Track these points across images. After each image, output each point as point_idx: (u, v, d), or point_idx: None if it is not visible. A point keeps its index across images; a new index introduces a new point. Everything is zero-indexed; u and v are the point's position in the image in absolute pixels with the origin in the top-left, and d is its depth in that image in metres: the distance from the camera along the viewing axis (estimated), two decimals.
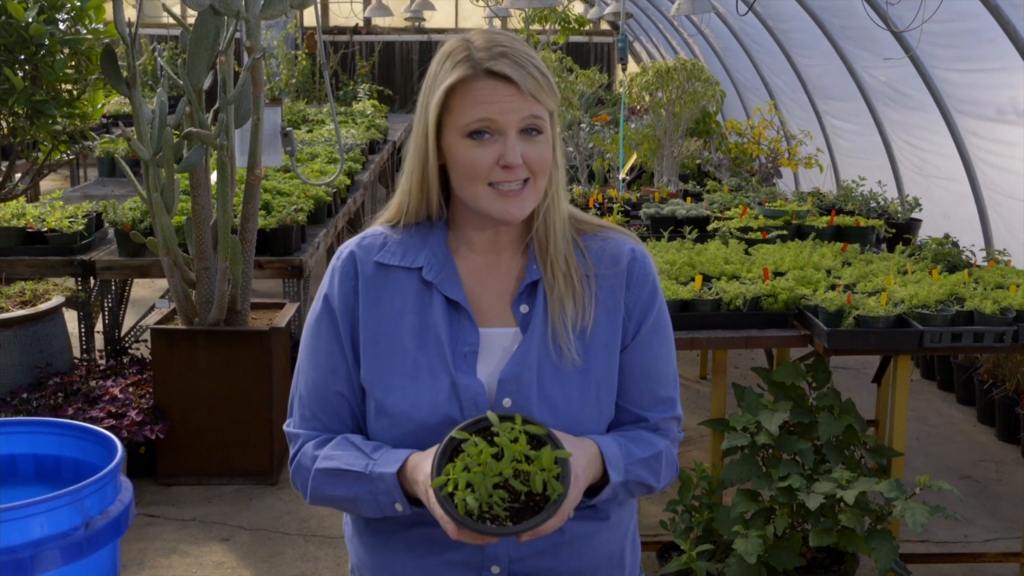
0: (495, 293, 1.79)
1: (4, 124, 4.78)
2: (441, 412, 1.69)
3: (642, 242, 1.87)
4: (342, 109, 12.56)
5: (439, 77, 1.70)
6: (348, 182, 7.65)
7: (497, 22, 15.79)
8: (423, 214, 1.80)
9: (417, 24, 18.00)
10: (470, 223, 1.79)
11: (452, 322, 1.74)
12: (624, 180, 6.99)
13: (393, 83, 18.74)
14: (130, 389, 4.89)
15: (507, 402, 1.70)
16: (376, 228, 1.84)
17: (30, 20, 4.42)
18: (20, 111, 4.61)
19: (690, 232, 5.02)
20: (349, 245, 1.82)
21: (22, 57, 4.53)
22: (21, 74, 4.54)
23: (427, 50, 19.21)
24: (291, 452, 1.82)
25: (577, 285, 1.76)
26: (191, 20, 4.57)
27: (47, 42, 4.49)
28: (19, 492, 2.61)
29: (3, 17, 4.43)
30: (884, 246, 5.29)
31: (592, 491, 1.73)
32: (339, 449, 1.74)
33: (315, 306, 1.82)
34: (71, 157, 5.19)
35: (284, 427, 1.84)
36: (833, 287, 4.07)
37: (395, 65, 19.26)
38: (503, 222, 1.73)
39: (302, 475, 1.78)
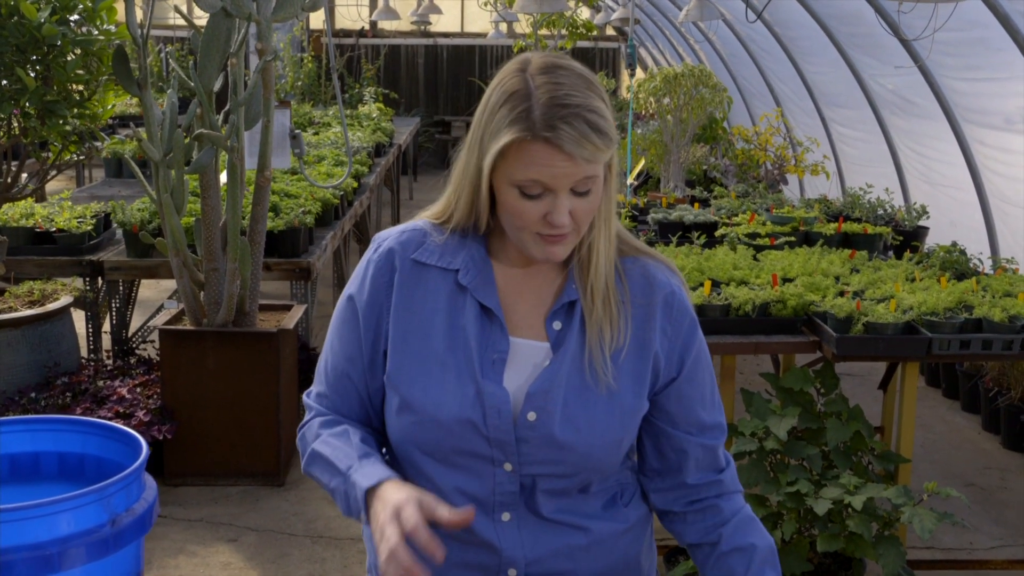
0: (529, 304, 1.76)
1: (15, 124, 4.80)
2: (464, 416, 1.68)
3: (679, 272, 1.84)
4: (348, 112, 12.58)
5: (495, 122, 1.62)
6: (355, 185, 7.66)
7: (503, 26, 15.80)
8: (468, 226, 1.77)
9: (423, 28, 18.02)
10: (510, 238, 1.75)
11: (483, 328, 1.72)
12: (631, 185, 7.01)
13: (399, 86, 18.76)
14: (138, 389, 4.90)
15: (532, 416, 1.69)
16: (417, 223, 1.81)
17: (42, 21, 4.43)
18: (32, 111, 4.62)
19: (698, 237, 5.03)
20: (388, 239, 1.79)
21: (34, 57, 4.55)
22: (33, 74, 4.55)
23: (433, 54, 19.23)
24: (304, 420, 1.85)
25: (615, 310, 1.74)
26: (200, 22, 4.59)
27: (59, 43, 4.51)
28: (43, 489, 2.62)
29: (15, 18, 4.45)
30: (891, 253, 5.30)
31: None
32: (337, 439, 1.75)
33: (346, 292, 1.81)
34: (80, 157, 5.20)
35: (303, 395, 1.87)
36: (842, 294, 4.08)
37: (401, 68, 19.27)
38: (546, 262, 1.73)
39: (303, 446, 1.81)
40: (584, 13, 12.75)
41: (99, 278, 5.65)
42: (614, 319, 1.73)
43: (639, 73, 13.80)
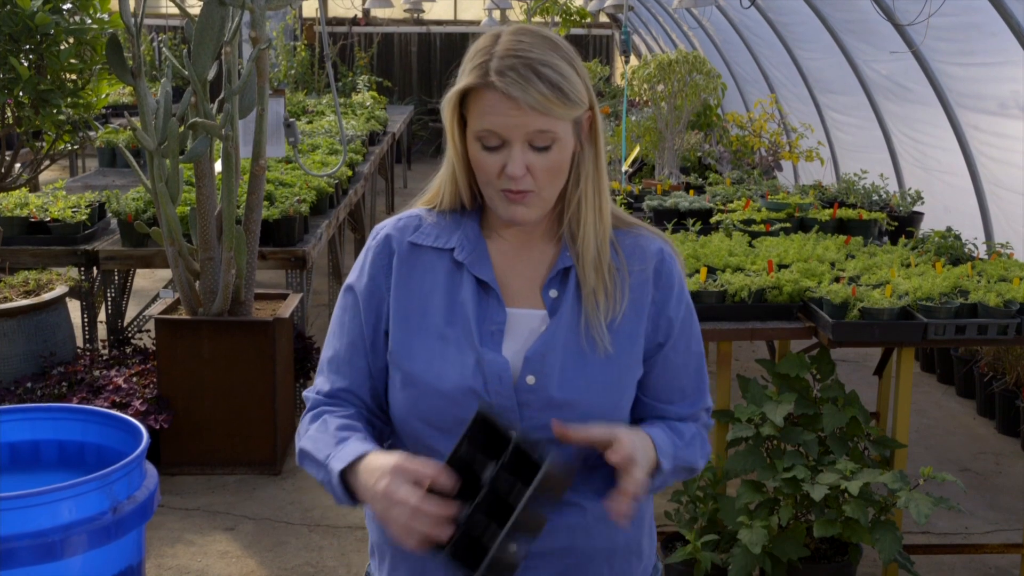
0: (524, 277, 1.82)
1: (9, 113, 4.78)
2: (466, 385, 1.72)
3: (671, 242, 1.90)
4: (342, 100, 12.55)
5: (460, 74, 1.74)
6: (350, 173, 7.65)
7: (497, 14, 15.77)
8: (457, 203, 1.84)
9: (416, 16, 17.98)
10: None
11: (480, 301, 1.78)
12: (626, 172, 7.00)
13: (392, 75, 18.72)
14: (134, 379, 4.90)
15: (531, 379, 1.73)
16: (412, 211, 1.88)
17: (36, 10, 4.41)
18: (25, 100, 4.61)
19: (693, 224, 5.04)
20: (385, 227, 1.86)
21: (28, 46, 4.52)
22: (26, 63, 4.53)
23: (426, 42, 19.19)
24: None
25: (608, 278, 1.79)
26: (193, 10, 4.57)
27: (52, 32, 4.49)
28: (43, 478, 2.63)
29: (9, 7, 4.42)
30: (886, 239, 5.30)
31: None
32: (317, 431, 1.79)
33: (347, 282, 1.87)
34: (74, 147, 5.18)
35: (304, 393, 1.89)
36: (837, 279, 4.09)
37: (394, 57, 19.23)
38: (511, 224, 1.77)
39: (298, 440, 1.84)
40: (577, 0, 12.72)
41: (94, 268, 5.64)
42: (609, 288, 1.78)
43: (633, 60, 13.79)
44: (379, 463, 1.63)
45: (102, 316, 5.89)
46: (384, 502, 1.59)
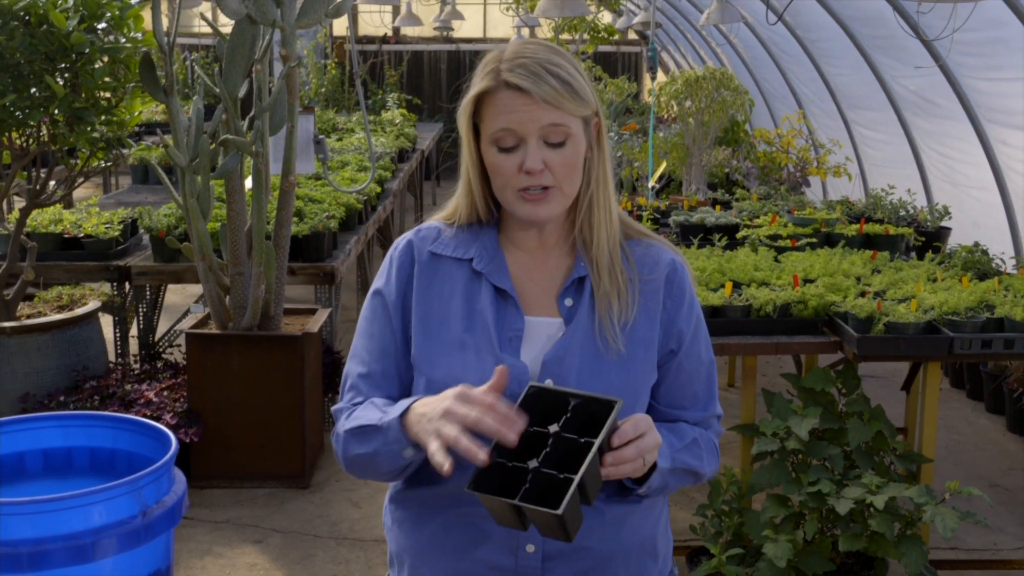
0: (541, 287, 1.88)
1: (45, 131, 4.86)
2: None
3: (681, 254, 1.96)
4: (371, 118, 12.64)
5: (471, 86, 1.82)
6: (378, 190, 7.71)
7: (525, 31, 15.85)
8: (474, 216, 1.91)
9: (446, 34, 18.08)
10: (515, 223, 1.89)
11: (499, 309, 1.84)
12: (653, 188, 7.02)
13: (421, 92, 18.82)
14: (164, 393, 4.96)
15: (549, 382, 1.77)
16: (431, 223, 1.95)
17: (71, 29, 4.49)
18: (60, 118, 4.68)
19: (719, 239, 5.05)
20: (406, 236, 1.93)
21: (63, 65, 4.60)
22: (62, 82, 4.61)
23: (455, 59, 19.29)
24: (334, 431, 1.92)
25: (622, 283, 1.85)
26: (225, 29, 4.64)
27: (87, 51, 4.56)
28: (75, 483, 2.69)
29: (45, 26, 4.51)
30: (913, 254, 5.29)
31: (639, 480, 1.80)
32: (362, 410, 1.84)
33: (372, 291, 1.92)
34: (108, 164, 5.26)
35: (333, 409, 1.93)
36: (863, 294, 4.09)
37: (423, 74, 19.34)
38: (532, 224, 1.84)
39: (336, 442, 1.88)
40: (605, 17, 12.76)
41: (126, 283, 5.72)
42: (622, 292, 1.84)
43: (661, 76, 13.81)
44: (435, 398, 1.69)
45: (134, 331, 5.97)
46: (441, 419, 1.63)
